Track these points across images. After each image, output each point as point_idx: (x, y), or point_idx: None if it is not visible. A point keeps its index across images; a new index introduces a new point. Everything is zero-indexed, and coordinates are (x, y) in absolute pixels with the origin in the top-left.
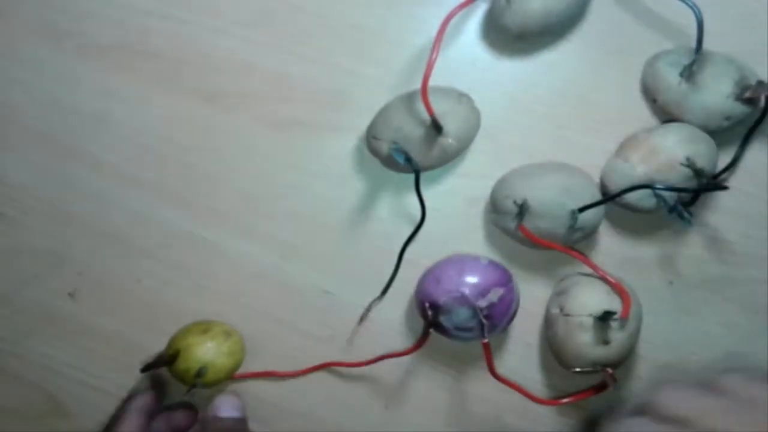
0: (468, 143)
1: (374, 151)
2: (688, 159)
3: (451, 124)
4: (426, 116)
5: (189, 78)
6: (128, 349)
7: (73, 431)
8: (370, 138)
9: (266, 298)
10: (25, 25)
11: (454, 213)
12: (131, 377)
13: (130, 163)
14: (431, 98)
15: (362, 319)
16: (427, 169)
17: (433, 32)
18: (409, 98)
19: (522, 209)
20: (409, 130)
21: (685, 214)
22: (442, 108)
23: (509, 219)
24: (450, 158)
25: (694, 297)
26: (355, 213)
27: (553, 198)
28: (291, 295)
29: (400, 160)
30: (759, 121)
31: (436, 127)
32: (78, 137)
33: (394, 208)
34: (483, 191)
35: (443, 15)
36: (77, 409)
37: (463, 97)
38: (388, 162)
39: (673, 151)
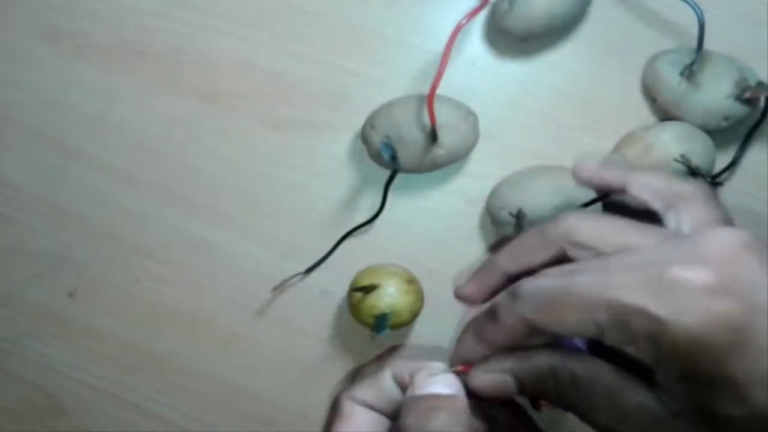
0: (458, 159)
1: (365, 140)
2: (682, 156)
3: (448, 138)
4: (427, 122)
5: (189, 78)
6: (128, 349)
7: (72, 431)
8: (367, 126)
9: (266, 298)
10: (25, 25)
11: (454, 213)
12: (131, 377)
13: (130, 163)
14: (440, 107)
15: (277, 288)
16: (408, 171)
17: (433, 32)
18: (418, 100)
19: (519, 219)
20: (406, 131)
21: None
22: (445, 119)
23: (511, 229)
24: (433, 168)
25: None
26: (355, 213)
27: (547, 200)
28: (291, 295)
29: (386, 155)
30: (759, 122)
31: (432, 136)
32: (78, 137)
33: (395, 210)
34: (483, 191)
35: (443, 15)
36: (77, 409)
37: (470, 115)
38: (374, 154)
39: (668, 148)
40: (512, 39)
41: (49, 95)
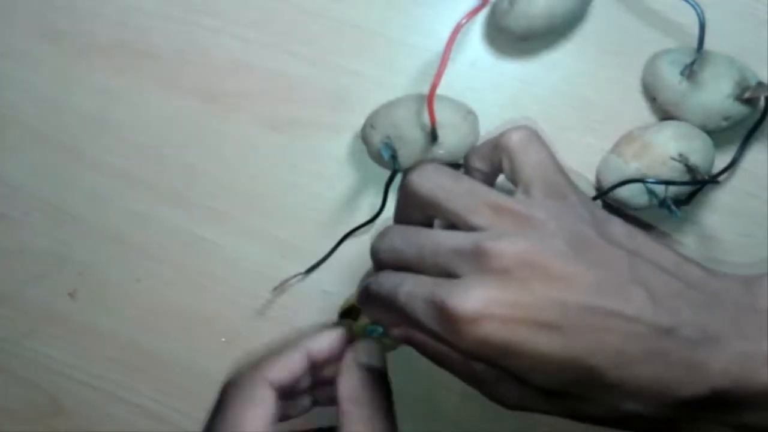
0: (458, 158)
1: (365, 139)
2: (680, 155)
3: (448, 137)
4: (427, 122)
5: (189, 78)
6: (128, 349)
7: (72, 431)
8: (368, 125)
9: (266, 299)
10: (26, 25)
11: None
12: (131, 377)
13: (130, 163)
14: (440, 106)
15: (277, 288)
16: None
17: (434, 32)
18: (418, 100)
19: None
20: (406, 130)
21: (674, 208)
22: (445, 119)
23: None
24: None
25: None
26: (355, 213)
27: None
28: (291, 295)
29: (386, 155)
30: (759, 122)
31: (432, 136)
32: (78, 137)
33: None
34: None
35: (444, 15)
36: (77, 409)
37: (470, 114)
38: (374, 153)
39: (666, 146)
40: (512, 39)
41: (49, 95)
